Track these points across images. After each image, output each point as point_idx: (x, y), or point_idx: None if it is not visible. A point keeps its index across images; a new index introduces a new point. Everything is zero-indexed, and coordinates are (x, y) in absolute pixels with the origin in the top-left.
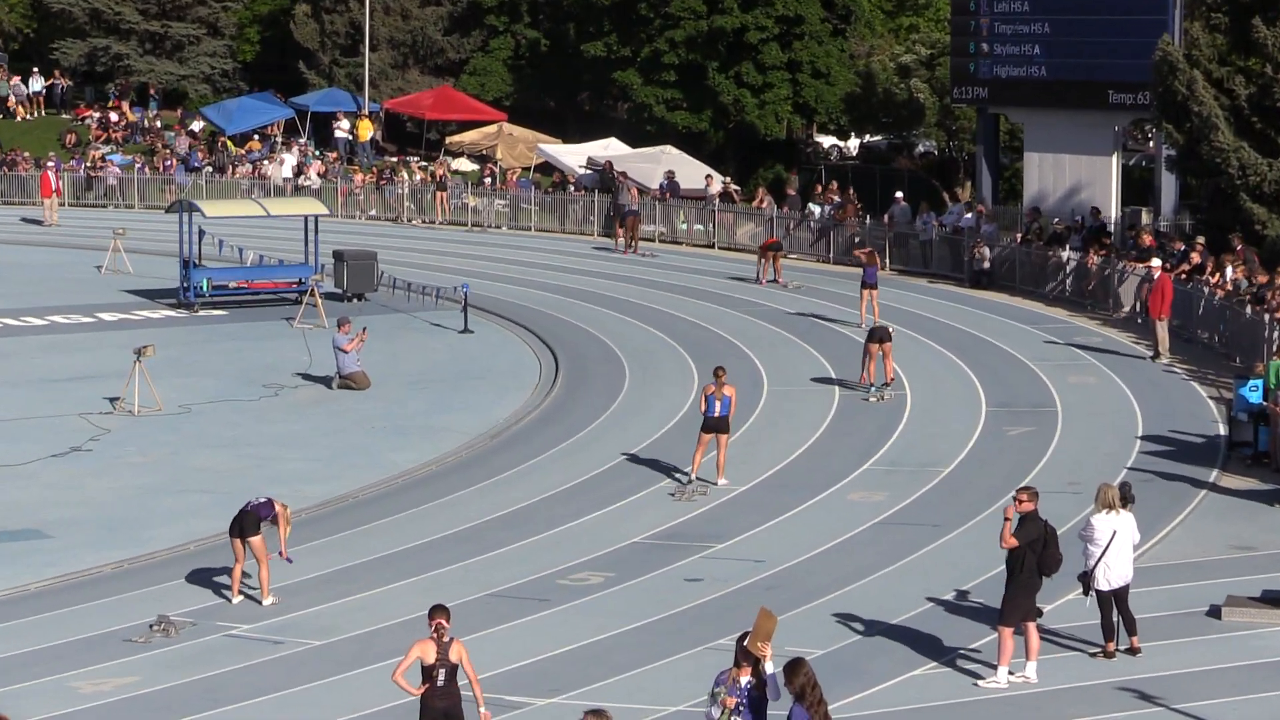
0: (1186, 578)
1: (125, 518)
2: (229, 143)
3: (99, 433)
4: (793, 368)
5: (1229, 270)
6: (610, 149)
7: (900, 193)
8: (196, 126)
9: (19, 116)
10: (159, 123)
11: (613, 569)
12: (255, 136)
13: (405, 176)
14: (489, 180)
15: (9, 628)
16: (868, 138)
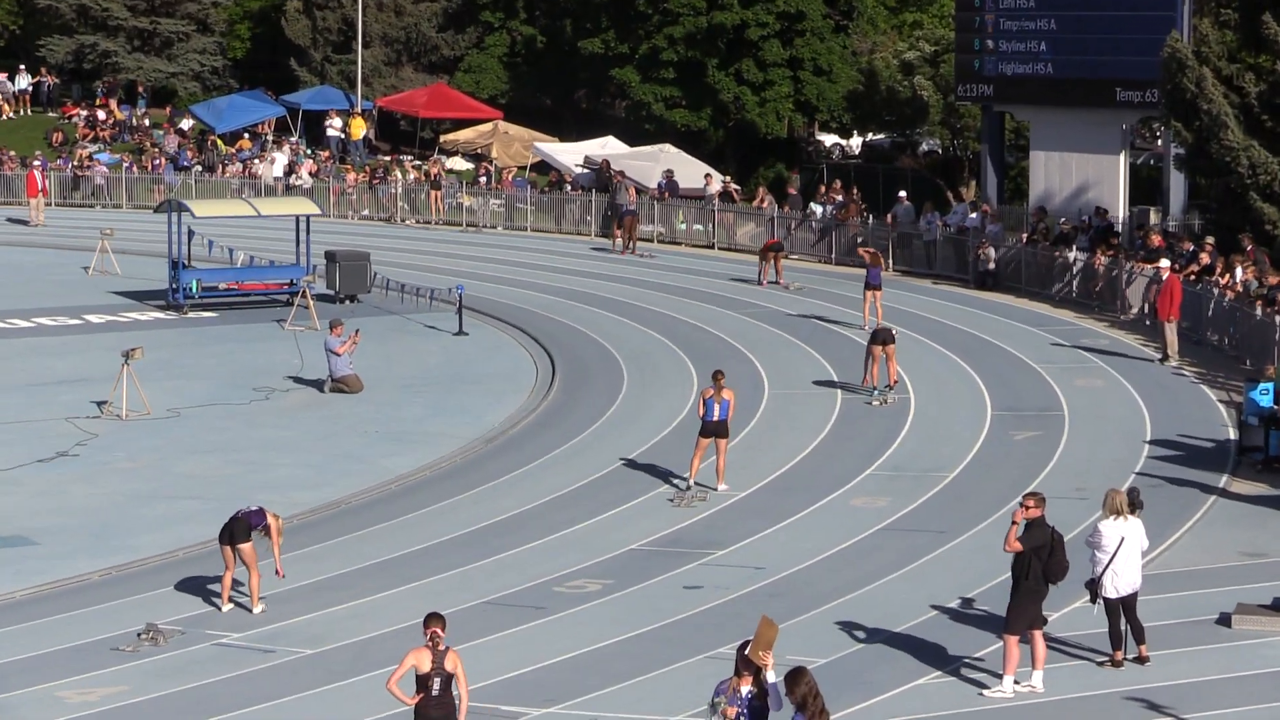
0: (1196, 585)
1: (113, 524)
2: (219, 141)
3: (86, 437)
4: (794, 371)
5: (1239, 271)
6: (608, 148)
7: (904, 192)
8: (186, 125)
9: (4, 115)
10: (147, 121)
11: (611, 576)
12: (246, 135)
13: (399, 176)
14: (484, 179)
15: None
16: (870, 136)
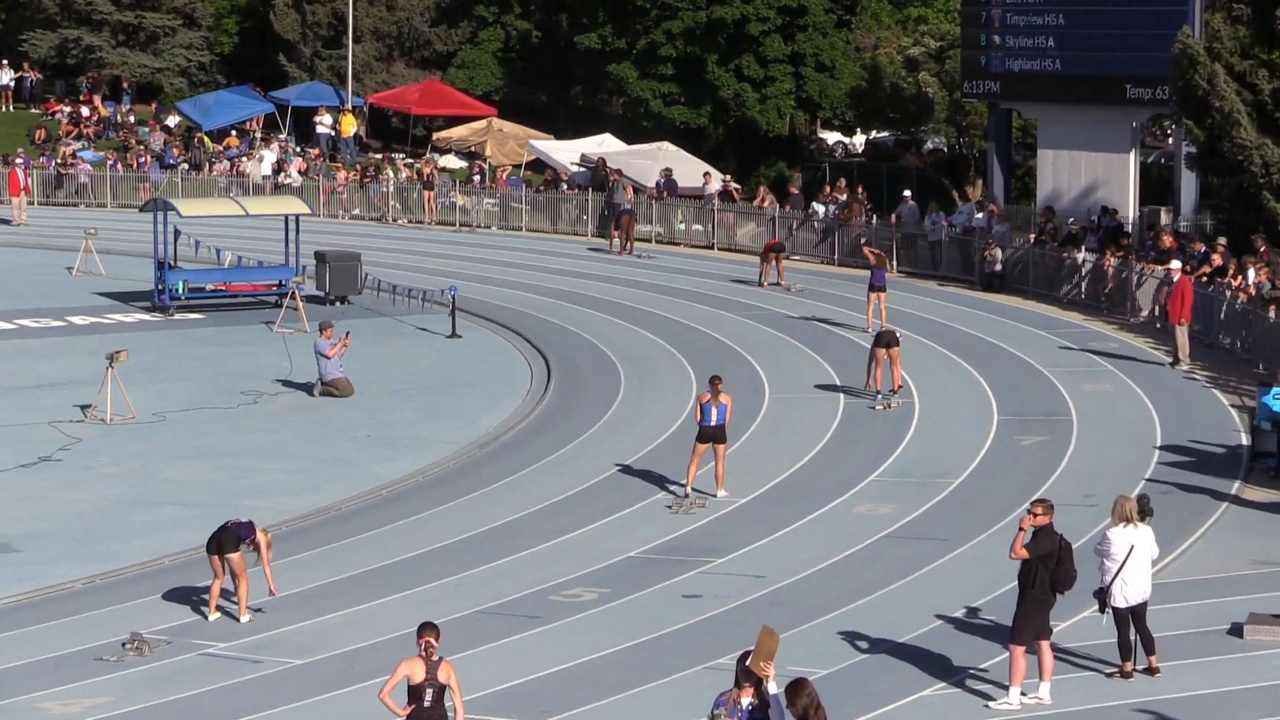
0: (1207, 594)
1: (97, 530)
2: (206, 139)
3: (70, 442)
4: (796, 374)
5: (1251, 273)
6: (604, 145)
7: (908, 191)
8: (172, 122)
9: None
10: (132, 118)
11: (607, 585)
12: (233, 132)
13: (390, 174)
14: (478, 178)
15: None
16: (874, 134)
